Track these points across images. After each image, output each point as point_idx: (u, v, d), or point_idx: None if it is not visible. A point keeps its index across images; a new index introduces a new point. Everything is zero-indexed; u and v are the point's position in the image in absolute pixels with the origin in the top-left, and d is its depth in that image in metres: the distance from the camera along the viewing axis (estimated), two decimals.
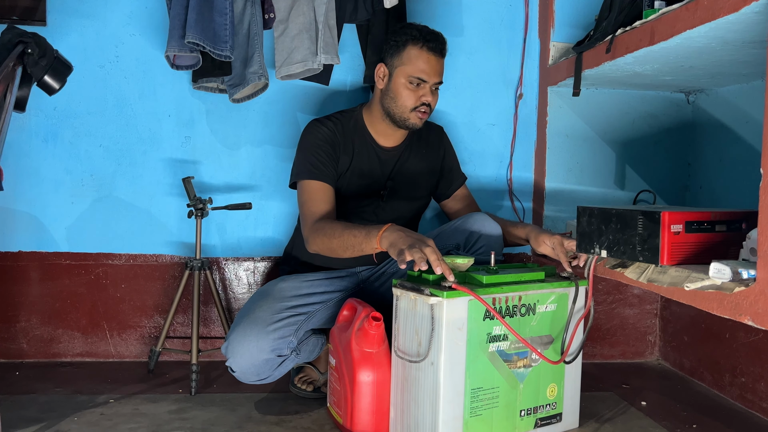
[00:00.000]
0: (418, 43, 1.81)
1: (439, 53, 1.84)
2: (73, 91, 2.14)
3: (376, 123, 1.93)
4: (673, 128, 2.32)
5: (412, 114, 1.85)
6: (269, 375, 1.74)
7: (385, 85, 1.87)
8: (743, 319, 1.21)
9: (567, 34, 2.22)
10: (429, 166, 2.03)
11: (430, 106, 1.86)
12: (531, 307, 1.60)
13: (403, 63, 1.83)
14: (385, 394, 1.60)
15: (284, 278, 1.90)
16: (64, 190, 2.19)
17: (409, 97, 1.84)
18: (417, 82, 1.82)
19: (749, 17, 1.26)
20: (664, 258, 1.44)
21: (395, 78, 1.84)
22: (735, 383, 1.99)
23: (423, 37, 1.81)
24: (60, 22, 2.14)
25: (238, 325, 1.71)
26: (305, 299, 1.82)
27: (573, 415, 1.73)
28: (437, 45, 1.83)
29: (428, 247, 1.48)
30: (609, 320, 2.40)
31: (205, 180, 2.24)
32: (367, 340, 1.59)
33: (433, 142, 2.04)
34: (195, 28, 1.83)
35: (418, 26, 1.85)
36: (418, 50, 1.81)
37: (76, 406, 1.80)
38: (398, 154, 1.97)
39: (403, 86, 1.83)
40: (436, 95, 1.88)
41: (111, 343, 2.24)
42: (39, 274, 2.20)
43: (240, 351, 1.68)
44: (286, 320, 1.74)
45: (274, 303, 1.76)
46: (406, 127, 1.88)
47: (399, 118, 1.87)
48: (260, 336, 1.68)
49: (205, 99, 2.23)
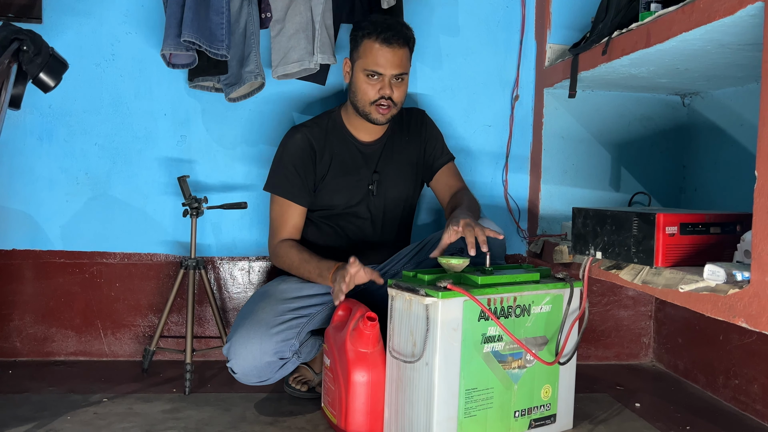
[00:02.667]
0: (371, 36, 1.81)
1: (396, 44, 1.81)
2: (69, 89, 2.13)
3: (353, 120, 1.95)
4: (669, 130, 2.33)
5: (372, 108, 1.85)
6: (270, 377, 1.73)
7: (349, 80, 1.89)
8: (737, 321, 1.21)
9: (563, 35, 2.22)
10: (413, 153, 2.03)
11: (392, 100, 1.85)
12: (526, 308, 1.60)
13: (360, 57, 1.84)
14: (379, 394, 1.60)
15: (284, 279, 1.90)
16: (59, 188, 2.19)
17: (367, 91, 1.84)
18: (373, 75, 1.82)
19: (745, 20, 1.26)
20: (658, 260, 1.44)
21: (355, 72, 1.86)
22: (728, 385, 2.00)
23: (376, 30, 1.81)
24: (56, 19, 2.13)
25: (241, 327, 1.70)
26: (307, 300, 1.81)
27: (567, 416, 1.73)
28: (391, 35, 1.80)
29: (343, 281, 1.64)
30: (603, 322, 2.40)
31: (201, 179, 2.23)
32: (362, 341, 1.59)
33: (414, 128, 2.03)
34: (191, 26, 1.83)
35: (374, 18, 1.85)
36: (371, 42, 1.81)
37: (70, 405, 1.80)
38: (381, 146, 1.97)
39: (362, 80, 1.84)
40: (401, 88, 1.86)
41: (105, 342, 2.23)
42: (33, 273, 2.19)
43: (243, 353, 1.67)
44: (289, 322, 1.73)
45: (276, 304, 1.76)
46: (371, 121, 1.88)
47: (362, 113, 1.88)
48: (264, 338, 1.68)
49: (201, 98, 2.22)
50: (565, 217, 2.22)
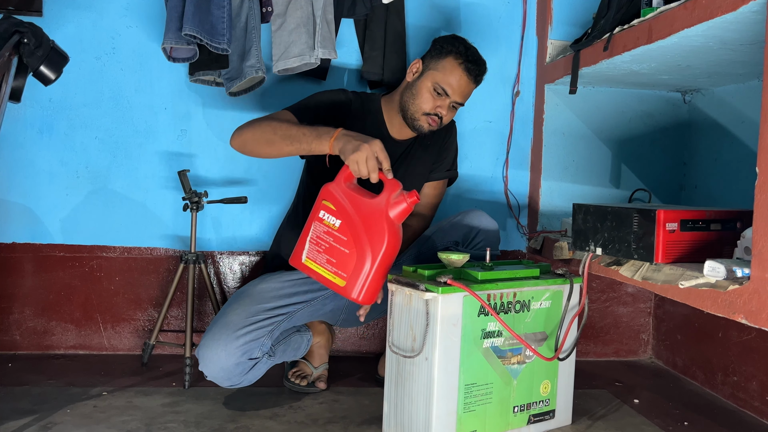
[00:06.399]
0: (459, 59, 1.82)
1: (474, 78, 1.84)
2: (69, 83, 2.13)
3: (392, 114, 1.94)
4: (669, 127, 2.33)
5: (423, 117, 1.85)
6: (241, 381, 1.71)
7: (412, 80, 1.88)
8: (737, 318, 1.21)
9: (565, 31, 2.22)
10: (429, 162, 2.03)
11: (442, 120, 1.86)
12: (525, 304, 1.60)
13: (437, 69, 1.83)
14: (389, 264, 1.59)
15: (264, 278, 1.86)
16: (59, 181, 2.18)
17: (427, 102, 1.84)
18: (440, 92, 1.82)
19: (747, 17, 1.26)
20: (658, 256, 1.44)
21: (424, 79, 1.84)
22: (727, 382, 2.00)
23: (465, 56, 1.82)
24: (56, 12, 2.13)
25: (210, 330, 1.70)
26: (286, 300, 1.79)
27: (566, 412, 1.73)
28: (475, 69, 1.83)
29: (376, 148, 1.53)
30: (603, 318, 2.41)
31: (201, 173, 2.23)
32: (401, 214, 1.56)
33: (439, 135, 2.02)
34: (192, 20, 1.82)
35: (467, 43, 1.86)
36: (455, 65, 1.82)
37: (70, 399, 1.80)
38: (403, 150, 1.96)
39: (426, 89, 1.84)
40: (452, 113, 1.88)
41: (105, 335, 2.23)
42: (33, 266, 2.19)
43: (209, 356, 1.66)
44: (260, 323, 1.71)
45: (249, 306, 1.74)
46: (413, 127, 1.88)
47: (410, 116, 1.87)
48: (229, 341, 1.66)
49: (201, 92, 2.22)
50: (565, 214, 2.22)
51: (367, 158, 1.53)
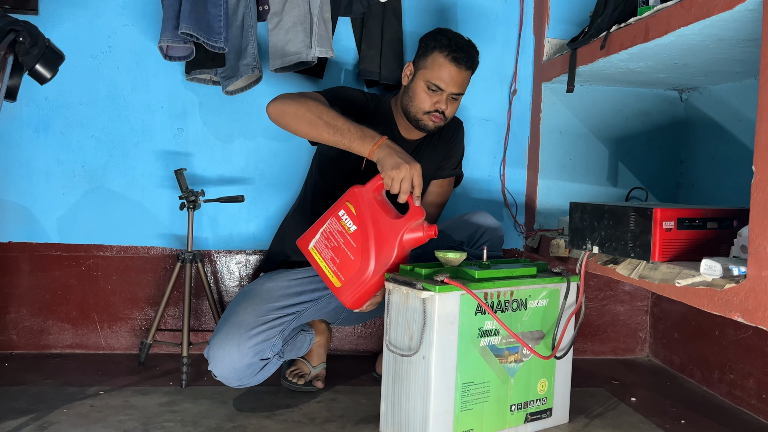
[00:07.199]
0: (443, 51, 1.81)
1: (464, 65, 1.82)
2: (65, 82, 2.12)
3: (399, 116, 1.94)
4: (666, 126, 2.33)
5: (425, 116, 1.85)
6: (250, 381, 1.71)
7: (407, 83, 1.88)
8: (733, 316, 1.21)
9: (562, 30, 2.22)
10: (437, 161, 2.03)
11: (445, 114, 1.86)
12: (522, 302, 1.60)
13: (426, 67, 1.83)
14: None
15: (272, 276, 1.86)
16: (55, 180, 2.18)
17: (424, 101, 1.84)
18: (434, 88, 1.82)
19: (743, 15, 1.26)
20: (655, 254, 1.44)
21: (416, 79, 1.84)
22: (724, 380, 2.00)
23: (450, 47, 1.80)
24: (52, 11, 2.12)
25: (221, 330, 1.69)
26: (295, 298, 1.79)
27: (563, 410, 1.73)
28: (463, 56, 1.81)
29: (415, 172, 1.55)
30: (600, 317, 2.41)
31: (198, 172, 2.23)
32: (415, 241, 1.59)
33: (447, 135, 2.02)
34: (189, 18, 1.82)
35: (450, 34, 1.85)
36: (442, 58, 1.81)
37: (66, 398, 1.79)
38: (414, 147, 1.96)
39: (421, 89, 1.83)
40: (455, 104, 1.87)
41: (101, 335, 2.23)
42: (29, 265, 2.18)
43: (221, 356, 1.66)
44: (272, 322, 1.71)
45: (260, 305, 1.73)
46: (419, 127, 1.88)
47: (413, 118, 1.87)
48: (242, 341, 1.66)
49: (198, 91, 2.21)
50: (562, 212, 2.22)
51: (404, 179, 1.56)
